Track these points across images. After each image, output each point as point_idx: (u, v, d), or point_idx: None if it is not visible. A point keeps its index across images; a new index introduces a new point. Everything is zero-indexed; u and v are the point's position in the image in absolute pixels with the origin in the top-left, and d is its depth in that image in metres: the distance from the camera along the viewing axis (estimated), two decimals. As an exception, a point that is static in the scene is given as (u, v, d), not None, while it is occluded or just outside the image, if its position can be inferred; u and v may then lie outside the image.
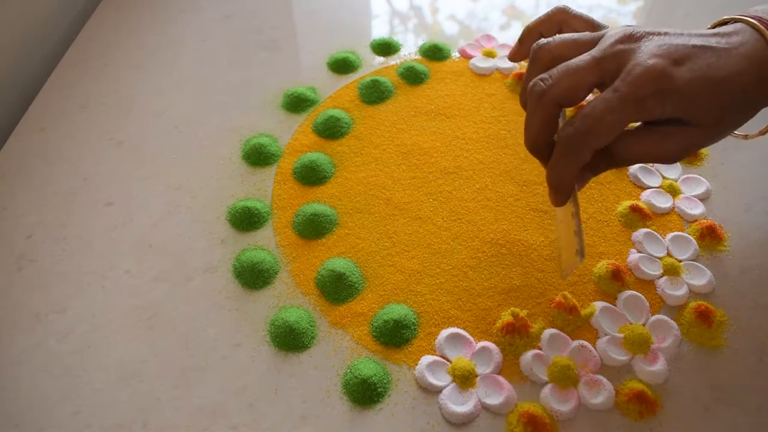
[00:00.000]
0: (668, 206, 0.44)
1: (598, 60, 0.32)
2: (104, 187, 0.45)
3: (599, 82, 0.32)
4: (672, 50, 0.31)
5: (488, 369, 0.35)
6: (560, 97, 0.33)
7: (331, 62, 0.56)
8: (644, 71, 0.30)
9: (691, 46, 0.31)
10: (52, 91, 0.53)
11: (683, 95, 0.30)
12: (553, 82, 0.33)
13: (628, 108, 0.31)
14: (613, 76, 0.32)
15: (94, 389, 0.35)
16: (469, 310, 0.38)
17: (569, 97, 0.33)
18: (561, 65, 0.33)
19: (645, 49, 0.31)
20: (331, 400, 0.34)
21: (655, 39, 0.32)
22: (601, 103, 0.31)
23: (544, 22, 0.40)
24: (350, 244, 0.42)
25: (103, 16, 0.62)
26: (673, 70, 0.30)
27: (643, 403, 0.33)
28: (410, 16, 0.64)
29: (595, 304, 0.38)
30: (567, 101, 0.33)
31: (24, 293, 0.39)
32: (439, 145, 0.48)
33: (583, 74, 0.32)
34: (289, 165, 0.47)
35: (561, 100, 0.33)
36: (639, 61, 0.31)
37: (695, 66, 0.30)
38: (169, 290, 0.39)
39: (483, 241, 0.42)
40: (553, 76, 0.33)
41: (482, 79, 0.54)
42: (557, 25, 0.40)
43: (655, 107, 0.31)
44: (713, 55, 0.31)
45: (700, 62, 0.31)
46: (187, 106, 0.52)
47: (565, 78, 0.32)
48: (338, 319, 0.38)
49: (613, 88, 0.31)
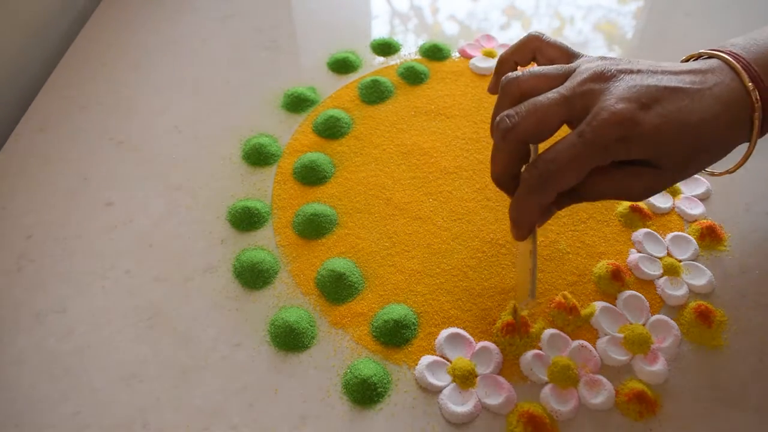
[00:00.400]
0: (668, 206, 0.44)
1: (566, 98, 0.31)
2: (104, 187, 0.45)
3: (567, 119, 0.32)
4: (642, 93, 0.30)
5: (488, 369, 0.35)
6: (526, 135, 0.32)
7: (331, 62, 0.56)
8: (610, 116, 0.29)
9: (662, 87, 0.30)
10: (52, 91, 0.53)
11: (650, 140, 0.30)
12: (519, 120, 0.32)
13: (593, 153, 0.30)
14: (580, 115, 0.31)
15: (94, 389, 0.35)
16: (469, 310, 0.38)
17: (535, 134, 0.32)
18: (528, 102, 0.32)
19: (614, 91, 0.30)
20: (331, 400, 0.34)
21: (626, 79, 0.31)
22: (565, 147, 0.30)
23: (518, 51, 0.39)
24: (350, 244, 0.42)
25: (103, 16, 0.62)
26: (640, 114, 0.30)
27: (643, 403, 0.34)
28: (410, 16, 0.64)
29: (595, 304, 0.38)
30: (533, 138, 0.32)
31: (24, 293, 0.39)
32: (439, 145, 0.48)
33: (550, 112, 0.31)
34: (289, 165, 0.47)
35: (527, 138, 0.32)
36: (605, 105, 0.30)
37: (664, 111, 0.30)
38: (169, 290, 0.39)
39: (483, 241, 0.42)
40: (519, 113, 0.32)
41: (482, 79, 0.54)
42: (531, 52, 0.38)
43: (619, 151, 0.30)
44: (685, 98, 0.30)
45: (669, 106, 0.30)
46: (187, 106, 0.52)
47: (532, 116, 0.31)
48: (338, 319, 0.38)
49: (578, 132, 0.30)
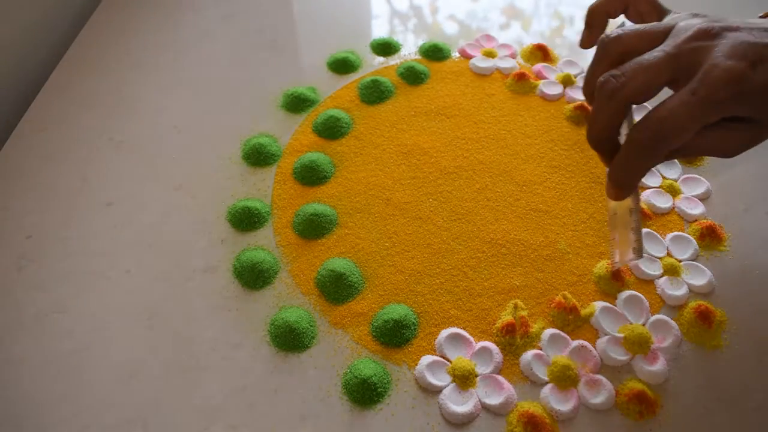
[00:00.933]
0: (668, 206, 0.44)
1: (673, 56, 0.31)
2: (104, 187, 0.45)
3: (672, 79, 0.32)
4: (748, 51, 0.30)
5: (488, 369, 0.35)
6: (633, 96, 0.32)
7: (331, 62, 0.56)
8: (723, 73, 0.29)
9: (764, 45, 0.31)
10: (52, 91, 0.53)
11: (758, 97, 0.30)
12: (626, 80, 0.31)
13: (707, 110, 0.30)
14: (687, 74, 0.31)
15: (94, 389, 0.35)
16: (469, 310, 0.38)
17: (642, 95, 0.32)
18: (633, 62, 0.32)
19: (722, 48, 0.30)
20: (331, 400, 0.34)
21: (731, 36, 0.31)
22: (679, 106, 0.30)
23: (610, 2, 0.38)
24: (350, 244, 0.42)
25: (103, 16, 0.62)
26: (751, 72, 0.30)
27: (643, 403, 0.33)
28: (410, 16, 0.64)
29: (595, 304, 0.38)
30: (640, 98, 0.32)
31: (24, 293, 0.39)
32: (439, 145, 0.48)
33: (657, 72, 0.31)
34: (289, 165, 0.47)
35: (634, 98, 0.32)
36: (717, 62, 0.30)
37: None
38: (169, 290, 0.39)
39: (483, 241, 0.42)
40: (626, 73, 0.31)
41: (482, 79, 0.54)
42: (623, 4, 0.38)
43: (731, 109, 0.30)
44: None
45: None
46: (187, 106, 0.52)
47: (639, 75, 0.31)
48: (338, 319, 0.38)
49: (690, 90, 0.30)
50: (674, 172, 0.46)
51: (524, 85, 0.52)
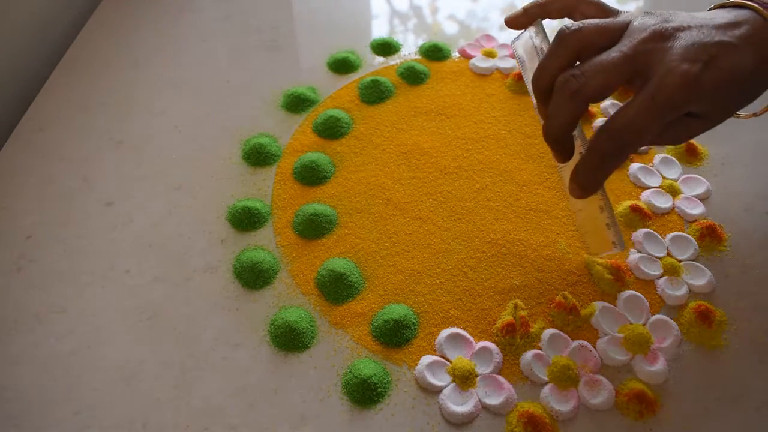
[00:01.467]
0: (668, 206, 0.44)
1: (629, 58, 0.32)
2: (104, 187, 0.45)
3: (628, 79, 0.32)
4: (700, 51, 0.31)
5: (488, 369, 0.35)
6: (593, 96, 0.32)
7: (331, 62, 0.56)
8: (679, 78, 0.30)
9: (716, 42, 0.32)
10: (52, 91, 0.53)
11: (709, 96, 0.31)
12: (586, 80, 0.32)
13: (666, 113, 0.31)
14: (642, 75, 0.32)
15: (94, 389, 0.35)
16: (469, 310, 0.38)
17: (600, 95, 0.33)
18: (593, 62, 0.32)
19: (676, 50, 0.31)
20: (331, 400, 0.34)
21: (682, 38, 0.32)
22: (639, 112, 0.31)
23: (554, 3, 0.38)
24: (350, 244, 0.42)
25: (103, 16, 0.62)
26: (703, 73, 0.31)
27: (643, 403, 0.33)
28: (410, 16, 0.64)
29: (595, 304, 0.38)
30: (599, 98, 0.33)
31: (24, 293, 0.39)
32: (439, 145, 0.48)
33: (615, 73, 0.32)
34: (289, 165, 0.47)
35: (594, 98, 0.33)
36: (672, 66, 0.31)
37: (721, 67, 0.31)
38: (169, 290, 0.39)
39: (483, 241, 0.42)
40: (585, 73, 0.32)
41: (482, 79, 0.54)
42: (566, 9, 0.38)
43: (687, 108, 0.32)
44: (734, 52, 0.32)
45: (724, 63, 0.31)
46: (187, 106, 0.52)
47: (599, 76, 0.32)
48: (338, 319, 0.38)
49: (649, 95, 0.31)
50: (674, 172, 0.46)
51: (524, 85, 0.52)
